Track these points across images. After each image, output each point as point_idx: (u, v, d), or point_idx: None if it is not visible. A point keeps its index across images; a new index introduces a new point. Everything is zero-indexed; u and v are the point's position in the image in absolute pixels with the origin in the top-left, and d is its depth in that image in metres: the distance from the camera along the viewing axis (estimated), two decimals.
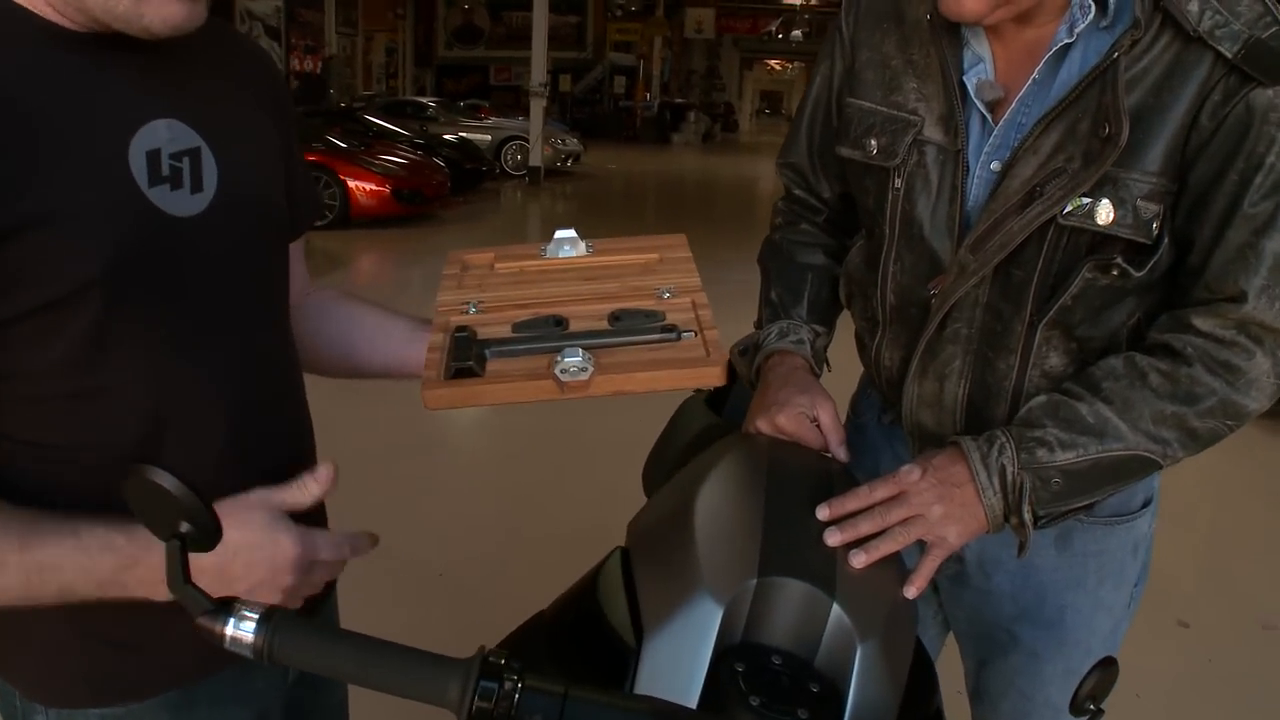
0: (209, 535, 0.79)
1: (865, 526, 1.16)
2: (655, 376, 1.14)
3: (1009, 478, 1.24)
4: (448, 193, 13.35)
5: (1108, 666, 1.36)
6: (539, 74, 18.29)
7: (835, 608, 1.01)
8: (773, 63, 58.87)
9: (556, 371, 1.11)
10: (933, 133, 1.36)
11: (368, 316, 1.42)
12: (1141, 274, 1.27)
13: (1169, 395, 1.25)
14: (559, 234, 1.39)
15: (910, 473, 1.23)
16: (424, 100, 20.99)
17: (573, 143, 20.62)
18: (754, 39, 41.41)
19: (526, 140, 18.56)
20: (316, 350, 1.38)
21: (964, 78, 1.34)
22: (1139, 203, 1.23)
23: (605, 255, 1.38)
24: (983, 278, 1.32)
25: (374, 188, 11.98)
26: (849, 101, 1.47)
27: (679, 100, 35.43)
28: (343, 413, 1.09)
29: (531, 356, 1.16)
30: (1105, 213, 1.23)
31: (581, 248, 1.38)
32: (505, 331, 1.21)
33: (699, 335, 1.20)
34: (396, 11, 25.84)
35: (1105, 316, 1.31)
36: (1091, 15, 1.23)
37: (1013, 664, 1.56)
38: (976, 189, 1.35)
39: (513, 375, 1.13)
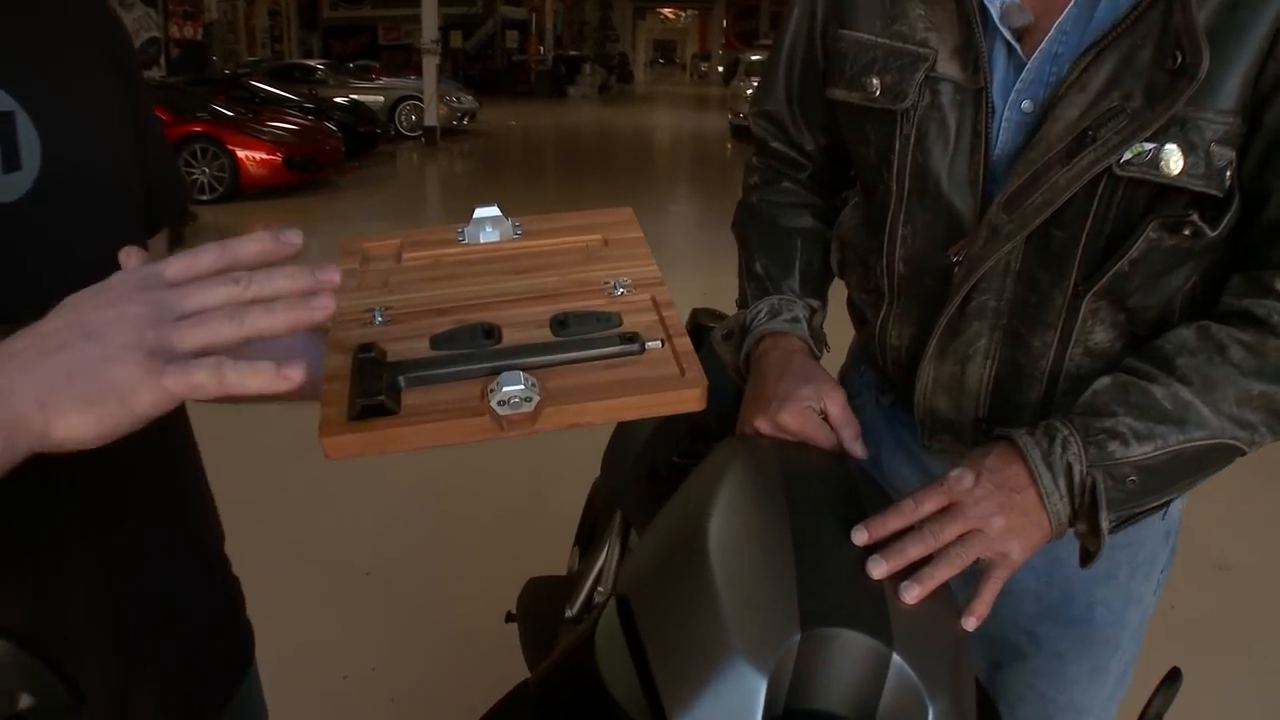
0: (60, 706, 0.55)
1: (914, 550, 0.96)
2: (618, 405, 0.90)
3: (1076, 478, 1.04)
4: (342, 158, 13.06)
5: (1174, 680, 1.18)
6: (430, 30, 18.01)
7: (895, 659, 0.85)
8: (665, 11, 58.64)
9: (493, 404, 0.86)
10: (948, 68, 1.15)
11: None
12: (1217, 232, 1.07)
13: (1255, 372, 1.05)
14: (479, 212, 1.12)
15: (961, 478, 1.03)
16: (312, 63, 20.50)
17: (468, 100, 20.29)
18: None
19: (420, 100, 18.23)
20: None
21: (985, 1, 1.13)
22: (1212, 148, 1.03)
23: (538, 238, 1.12)
24: (1016, 242, 1.12)
25: (264, 156, 11.63)
26: (841, 34, 1.26)
27: (573, 53, 35.25)
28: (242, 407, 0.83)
29: (459, 383, 0.91)
30: (1174, 161, 1.03)
31: (507, 228, 1.11)
32: (423, 348, 0.95)
33: (666, 345, 0.96)
34: None
35: (1163, 282, 1.13)
36: None
37: (1033, 666, 1.40)
38: (1005, 134, 1.14)
39: (437, 411, 0.88)
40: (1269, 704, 3.14)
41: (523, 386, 0.86)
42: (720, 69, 43.14)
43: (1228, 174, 1.05)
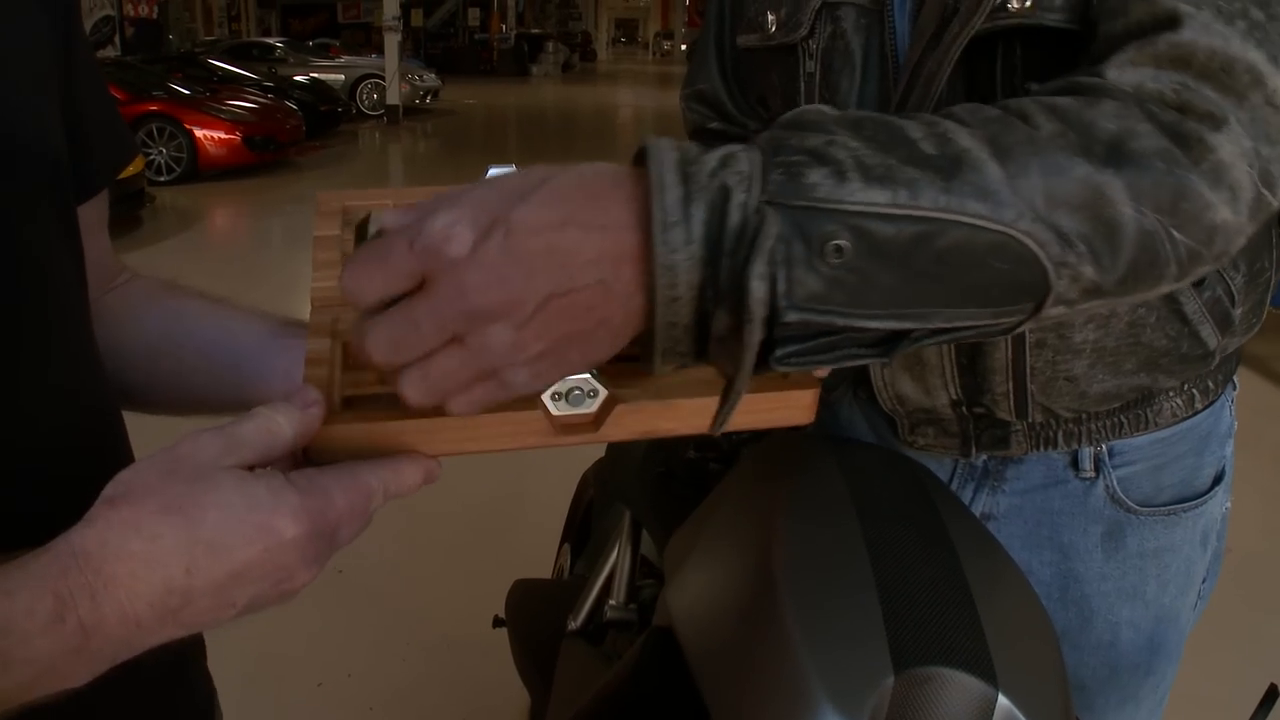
0: None
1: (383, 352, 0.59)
2: (706, 407, 0.66)
3: (734, 215, 0.59)
4: (303, 137, 12.92)
5: (1272, 700, 1.13)
6: (392, 8, 17.91)
7: (1002, 701, 0.73)
8: None
9: (545, 398, 0.65)
10: None
11: (206, 317, 0.92)
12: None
13: (1077, 146, 0.65)
14: (493, 171, 0.91)
15: (450, 231, 0.57)
16: (271, 41, 20.40)
17: (430, 79, 20.30)
18: None
19: (382, 78, 18.14)
20: (129, 373, 0.89)
21: None
22: None
23: None
24: None
25: (223, 136, 11.43)
26: None
27: (535, 31, 35.18)
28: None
29: None
30: None
31: None
32: None
33: None
34: None
35: None
36: None
37: None
38: (904, 49, 1.01)
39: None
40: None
41: (585, 377, 0.65)
42: (684, 47, 43.14)
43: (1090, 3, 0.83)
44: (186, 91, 12.19)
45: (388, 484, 0.63)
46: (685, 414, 0.67)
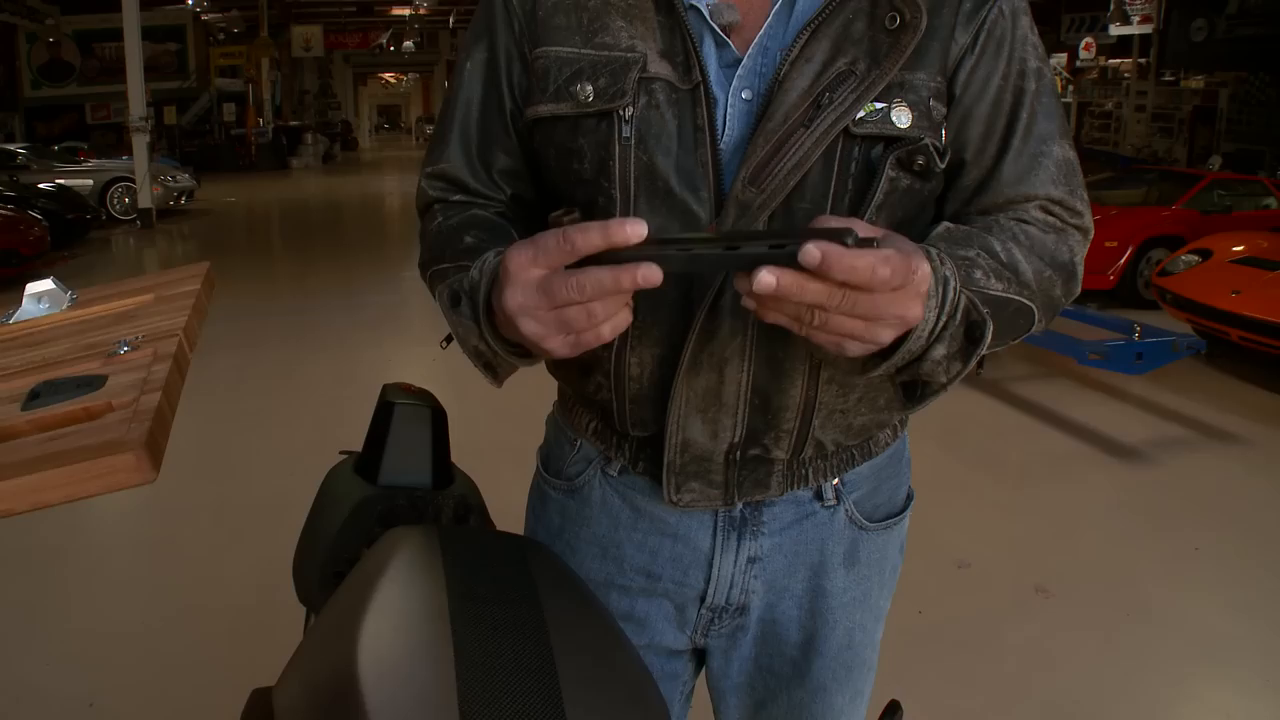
0: None
1: (817, 299, 0.87)
2: (30, 484, 0.71)
3: (950, 294, 1.00)
4: (49, 248, 12.27)
5: (894, 713, 1.29)
6: (138, 107, 17.10)
7: None
8: (387, 76, 58.25)
9: None
10: (659, 68, 1.14)
11: None
12: (939, 170, 1.15)
13: (1035, 253, 1.16)
14: (31, 287, 1.11)
15: (920, 268, 0.93)
16: (12, 147, 19.24)
17: (184, 179, 19.47)
18: (365, 53, 40.95)
19: (133, 181, 17.33)
20: None
21: (693, 2, 1.15)
22: (931, 103, 1.13)
23: (90, 306, 1.07)
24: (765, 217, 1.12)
25: None
26: (540, 52, 1.20)
27: (294, 123, 34.34)
28: None
29: None
30: (904, 116, 1.11)
31: (64, 301, 1.09)
32: None
33: (132, 406, 0.80)
34: None
35: (908, 235, 1.09)
36: None
37: (797, 699, 1.40)
38: (730, 124, 1.14)
39: None
40: (1020, 693, 3.35)
41: None
42: None
43: (943, 128, 1.15)
44: None
45: None
46: (11, 497, 0.71)
